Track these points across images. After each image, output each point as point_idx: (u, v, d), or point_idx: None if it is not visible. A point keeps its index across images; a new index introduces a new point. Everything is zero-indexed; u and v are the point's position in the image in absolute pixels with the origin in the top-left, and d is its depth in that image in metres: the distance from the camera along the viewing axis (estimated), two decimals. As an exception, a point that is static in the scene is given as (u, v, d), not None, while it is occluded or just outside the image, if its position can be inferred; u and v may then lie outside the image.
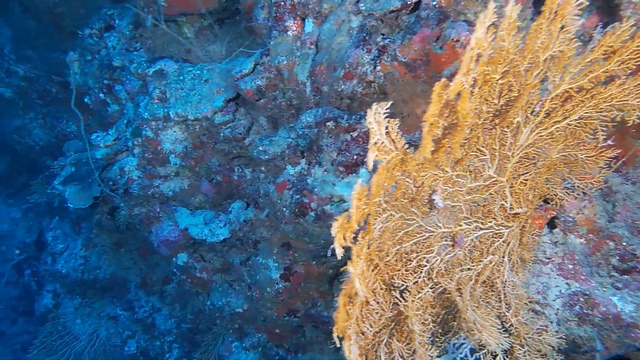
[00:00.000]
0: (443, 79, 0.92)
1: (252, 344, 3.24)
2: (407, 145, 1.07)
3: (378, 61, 2.16)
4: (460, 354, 1.54)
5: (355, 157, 2.29)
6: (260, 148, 2.63)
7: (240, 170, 2.97)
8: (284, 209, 2.58)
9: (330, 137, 2.38)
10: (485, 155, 1.41)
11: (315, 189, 2.36)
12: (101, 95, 3.53)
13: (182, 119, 2.85)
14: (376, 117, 0.98)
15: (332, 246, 0.95)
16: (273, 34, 2.49)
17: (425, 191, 1.33)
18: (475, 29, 0.92)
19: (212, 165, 3.00)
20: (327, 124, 2.37)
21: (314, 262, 2.84)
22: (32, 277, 5.23)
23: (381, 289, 1.34)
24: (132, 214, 3.27)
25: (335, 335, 1.07)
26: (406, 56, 2.06)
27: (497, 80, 1.16)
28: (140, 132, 3.03)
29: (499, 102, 1.28)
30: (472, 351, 1.55)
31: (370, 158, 0.97)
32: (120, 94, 3.42)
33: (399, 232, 1.35)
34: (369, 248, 1.18)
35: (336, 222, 0.94)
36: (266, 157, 2.61)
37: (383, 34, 2.22)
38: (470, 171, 1.42)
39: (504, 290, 1.59)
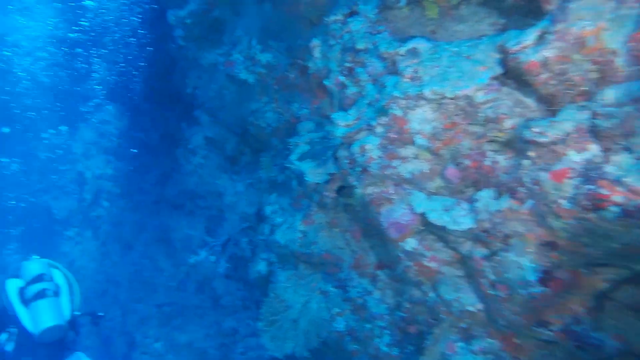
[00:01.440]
0: None
1: (482, 348, 2.94)
2: None
3: None
4: None
5: (690, 142, 1.79)
6: (537, 130, 2.31)
7: (493, 155, 2.70)
8: (562, 201, 2.21)
9: (649, 117, 1.92)
10: None
11: (625, 179, 1.93)
12: (341, 77, 3.67)
13: (439, 96, 2.71)
14: None
15: None
16: (574, -5, 2.14)
17: None
18: None
19: (461, 149, 2.80)
20: (647, 100, 1.91)
21: (585, 270, 2.39)
22: (248, 245, 5.90)
23: None
24: (365, 193, 3.30)
25: None
26: None
27: None
28: (387, 110, 3.00)
29: None
30: None
31: None
32: (361, 76, 3.49)
33: None
34: None
35: None
36: (544, 139, 2.27)
37: None
38: None
39: None
